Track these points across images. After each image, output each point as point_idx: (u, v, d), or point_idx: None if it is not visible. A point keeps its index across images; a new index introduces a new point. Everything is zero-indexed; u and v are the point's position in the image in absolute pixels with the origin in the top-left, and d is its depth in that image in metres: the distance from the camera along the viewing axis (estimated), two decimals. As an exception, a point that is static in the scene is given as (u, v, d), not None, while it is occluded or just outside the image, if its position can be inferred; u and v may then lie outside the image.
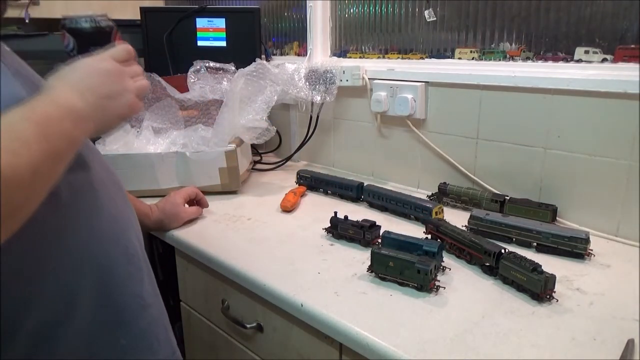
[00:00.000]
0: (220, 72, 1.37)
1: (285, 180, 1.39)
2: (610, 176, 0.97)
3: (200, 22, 1.59)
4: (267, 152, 1.68)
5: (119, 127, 0.67)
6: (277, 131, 1.56)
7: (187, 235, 1.03)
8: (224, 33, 1.59)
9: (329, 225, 1.00)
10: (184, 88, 1.35)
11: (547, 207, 1.02)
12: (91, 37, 0.64)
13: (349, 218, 0.98)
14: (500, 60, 1.15)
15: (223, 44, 1.59)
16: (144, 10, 1.59)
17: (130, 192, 1.01)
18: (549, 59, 1.07)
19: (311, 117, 1.50)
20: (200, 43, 1.60)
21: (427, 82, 1.23)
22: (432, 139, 1.25)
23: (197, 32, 1.59)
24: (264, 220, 1.10)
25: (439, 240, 0.93)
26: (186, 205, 1.09)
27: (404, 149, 1.32)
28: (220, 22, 1.59)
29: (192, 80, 1.36)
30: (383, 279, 0.81)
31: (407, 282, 0.79)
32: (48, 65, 0.56)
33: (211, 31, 1.59)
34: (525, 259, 0.78)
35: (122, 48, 0.61)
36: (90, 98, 0.54)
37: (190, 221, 1.08)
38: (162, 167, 1.21)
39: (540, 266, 0.76)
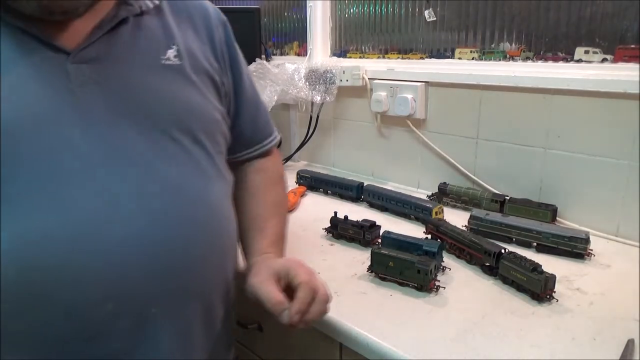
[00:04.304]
0: (220, 72, 1.36)
1: (285, 180, 1.39)
2: (610, 176, 0.97)
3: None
4: (267, 152, 1.68)
5: None
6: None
7: (187, 235, 1.02)
8: None
9: (329, 225, 1.00)
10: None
11: (547, 207, 1.02)
12: None
13: (349, 218, 0.98)
14: (500, 60, 1.15)
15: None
16: (144, 10, 1.58)
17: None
18: (549, 59, 1.07)
19: (311, 117, 1.49)
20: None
21: (427, 82, 1.23)
22: (432, 139, 1.25)
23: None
24: (264, 220, 1.10)
25: (439, 240, 0.93)
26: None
27: (404, 149, 1.32)
28: None
29: (192, 80, 1.35)
30: (383, 279, 0.81)
31: (407, 282, 0.79)
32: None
33: None
34: (525, 259, 0.78)
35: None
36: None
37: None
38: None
39: (540, 266, 0.76)
